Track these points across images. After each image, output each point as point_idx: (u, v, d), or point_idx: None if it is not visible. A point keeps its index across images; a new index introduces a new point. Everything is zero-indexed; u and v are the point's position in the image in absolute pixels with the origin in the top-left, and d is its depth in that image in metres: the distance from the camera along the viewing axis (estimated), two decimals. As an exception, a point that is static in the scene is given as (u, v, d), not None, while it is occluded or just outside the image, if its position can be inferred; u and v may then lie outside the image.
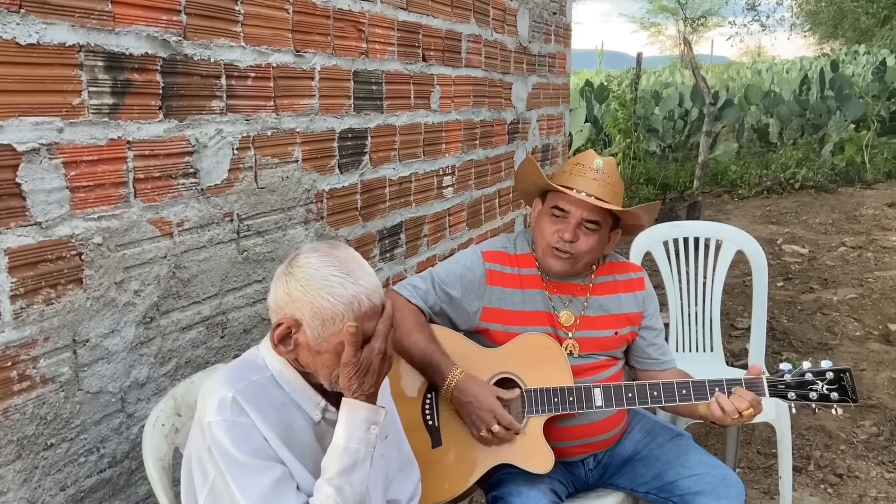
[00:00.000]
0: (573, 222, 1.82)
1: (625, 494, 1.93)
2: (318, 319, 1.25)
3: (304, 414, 1.34)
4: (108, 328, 1.47)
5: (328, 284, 1.24)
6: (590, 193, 1.81)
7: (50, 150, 1.32)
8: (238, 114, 1.77)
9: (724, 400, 1.70)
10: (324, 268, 1.26)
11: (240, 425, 1.23)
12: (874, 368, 3.91)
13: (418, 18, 2.60)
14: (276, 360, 1.34)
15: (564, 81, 4.48)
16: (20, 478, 1.32)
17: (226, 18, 1.71)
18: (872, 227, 6.87)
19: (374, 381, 1.29)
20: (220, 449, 1.21)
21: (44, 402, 1.35)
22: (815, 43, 32.05)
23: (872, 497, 2.81)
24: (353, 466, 1.26)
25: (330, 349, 1.27)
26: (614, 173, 1.88)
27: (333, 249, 1.30)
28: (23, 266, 1.29)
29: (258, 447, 1.23)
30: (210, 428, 1.22)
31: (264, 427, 1.25)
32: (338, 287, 1.24)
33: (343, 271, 1.26)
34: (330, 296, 1.24)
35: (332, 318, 1.24)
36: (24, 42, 1.26)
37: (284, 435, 1.28)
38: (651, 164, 9.45)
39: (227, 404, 1.23)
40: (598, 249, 1.88)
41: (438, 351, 1.79)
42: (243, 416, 1.24)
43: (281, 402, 1.32)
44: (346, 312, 1.24)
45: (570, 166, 1.88)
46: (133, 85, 1.48)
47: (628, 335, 1.94)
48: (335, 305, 1.24)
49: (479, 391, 1.74)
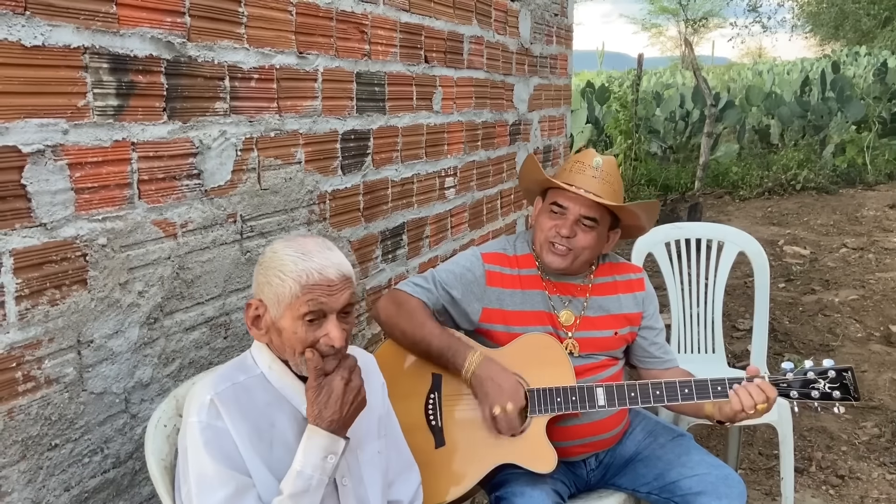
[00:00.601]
0: (571, 218, 1.84)
1: (626, 495, 1.94)
2: (274, 296, 1.33)
3: (292, 408, 1.38)
4: (113, 329, 1.48)
5: (282, 263, 1.33)
6: (588, 190, 1.82)
7: (55, 152, 1.33)
8: (241, 115, 1.78)
9: (744, 392, 1.68)
10: (282, 251, 1.35)
11: (213, 428, 1.28)
12: (876, 370, 3.91)
13: (421, 20, 2.61)
14: (265, 357, 1.39)
15: (566, 82, 4.48)
16: (25, 478, 1.32)
17: (229, 20, 1.72)
18: (874, 228, 6.87)
19: (337, 410, 1.32)
20: (193, 448, 1.27)
21: (48, 403, 1.36)
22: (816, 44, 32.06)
23: (874, 498, 2.81)
24: (305, 492, 1.29)
25: (288, 325, 1.33)
26: (614, 172, 1.88)
27: (302, 238, 1.39)
28: (28, 267, 1.30)
29: (227, 453, 1.28)
30: (188, 427, 1.29)
31: (237, 433, 1.29)
32: (290, 265, 1.32)
33: (298, 251, 1.34)
34: (281, 272, 1.32)
35: (283, 292, 1.31)
36: (29, 44, 1.27)
37: (260, 439, 1.32)
38: (652, 165, 9.45)
39: (205, 407, 1.29)
40: (597, 247, 1.89)
41: (455, 336, 1.82)
42: (219, 419, 1.29)
43: (265, 401, 1.36)
44: (293, 285, 1.31)
45: (571, 164, 1.89)
46: (137, 87, 1.49)
47: (628, 335, 1.95)
48: (285, 281, 1.31)
49: (501, 370, 1.76)
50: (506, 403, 1.71)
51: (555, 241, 1.86)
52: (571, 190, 1.82)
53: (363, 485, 1.44)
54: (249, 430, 1.31)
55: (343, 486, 1.40)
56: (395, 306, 1.85)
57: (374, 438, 1.49)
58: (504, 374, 1.75)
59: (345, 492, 1.40)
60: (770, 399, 1.68)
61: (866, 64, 18.41)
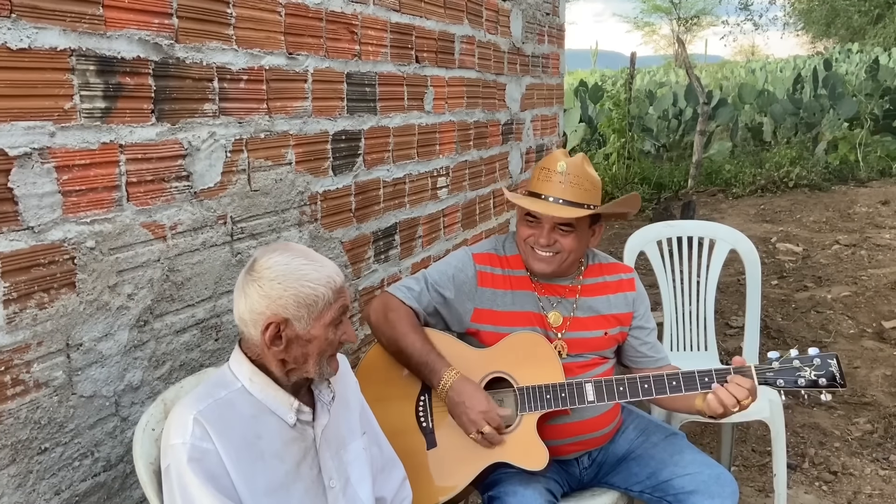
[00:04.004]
0: (546, 227, 1.83)
1: (619, 493, 1.94)
2: (303, 308, 1.32)
3: (277, 419, 1.36)
4: (102, 332, 1.47)
5: (304, 273, 1.32)
6: (557, 198, 1.81)
7: (42, 155, 1.32)
8: (231, 116, 1.77)
9: (722, 391, 1.69)
10: (293, 261, 1.33)
11: (199, 450, 1.25)
12: (868, 366, 3.92)
13: (411, 20, 2.61)
14: (245, 369, 1.37)
15: (558, 82, 4.49)
16: (14, 482, 1.32)
17: (217, 21, 1.72)
18: (866, 224, 6.90)
19: None
20: (178, 471, 1.25)
21: (38, 407, 1.35)
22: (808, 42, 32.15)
23: (867, 494, 2.82)
24: None
25: (320, 333, 1.34)
26: (582, 171, 1.84)
27: (287, 247, 1.39)
28: (16, 271, 1.29)
29: (214, 475, 1.25)
30: (173, 450, 1.26)
31: (225, 451, 1.27)
32: (312, 273, 1.33)
33: (309, 259, 1.35)
34: (309, 282, 1.32)
35: (315, 300, 1.33)
36: (15, 47, 1.26)
37: (248, 452, 1.31)
38: (646, 163, 9.47)
39: (188, 427, 1.26)
40: (581, 246, 1.89)
41: (434, 352, 1.80)
42: (206, 440, 1.26)
43: (250, 413, 1.34)
44: (325, 292, 1.33)
45: (538, 171, 1.88)
46: (125, 88, 1.48)
47: (618, 336, 1.95)
48: (316, 289, 1.32)
49: (472, 393, 1.75)
50: (480, 428, 1.72)
51: (535, 247, 1.86)
52: (535, 210, 1.80)
53: (351, 484, 1.44)
54: (237, 445, 1.29)
55: (331, 489, 1.41)
56: (384, 311, 1.85)
57: (357, 436, 1.50)
58: (476, 397, 1.74)
59: (333, 494, 1.41)
60: (751, 390, 1.69)
61: (858, 61, 18.48)
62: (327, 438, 1.42)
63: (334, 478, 1.41)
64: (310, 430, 1.40)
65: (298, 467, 1.37)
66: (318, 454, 1.40)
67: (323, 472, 1.40)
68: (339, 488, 1.41)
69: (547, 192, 1.83)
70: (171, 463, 1.26)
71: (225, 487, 1.26)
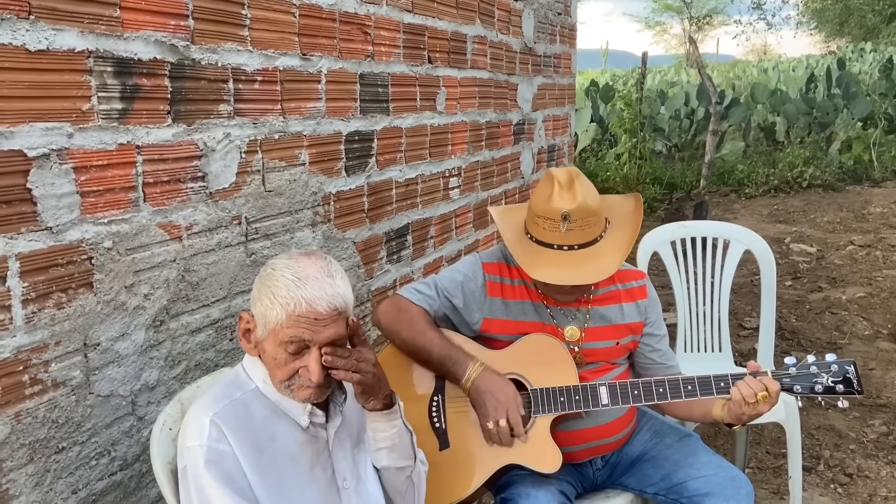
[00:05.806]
0: None
1: (633, 495, 1.93)
2: (261, 317, 1.30)
3: (290, 421, 1.36)
4: (119, 332, 1.48)
5: (276, 285, 1.28)
6: (570, 245, 1.73)
7: (60, 156, 1.33)
8: (245, 117, 1.78)
9: (742, 385, 1.67)
10: (280, 270, 1.30)
11: (216, 452, 1.26)
12: (884, 367, 3.89)
13: (424, 20, 2.61)
14: (258, 370, 1.37)
15: (570, 82, 4.47)
16: (32, 481, 1.33)
17: (233, 23, 1.72)
18: (881, 225, 6.84)
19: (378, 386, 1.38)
20: (195, 473, 1.25)
21: (55, 406, 1.36)
22: (821, 41, 31.92)
23: (882, 496, 2.80)
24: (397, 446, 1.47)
25: (270, 348, 1.31)
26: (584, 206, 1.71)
27: (306, 258, 1.32)
28: (34, 271, 1.30)
29: (231, 477, 1.26)
30: (190, 452, 1.26)
31: (241, 452, 1.28)
32: (282, 289, 1.27)
33: (295, 276, 1.28)
34: (273, 295, 1.28)
35: (270, 316, 1.28)
36: (33, 48, 1.27)
37: (262, 454, 1.31)
38: (657, 163, 9.43)
39: (205, 429, 1.26)
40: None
41: (455, 345, 1.80)
42: (222, 442, 1.26)
43: (264, 415, 1.34)
44: (279, 312, 1.26)
45: (542, 221, 1.74)
46: (142, 90, 1.49)
47: (630, 344, 1.93)
48: (273, 305, 1.27)
49: (500, 383, 1.75)
50: (500, 418, 1.71)
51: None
52: (553, 281, 1.73)
53: (363, 482, 1.44)
54: (253, 447, 1.30)
55: (345, 490, 1.41)
56: (396, 313, 1.85)
57: None
58: (502, 387, 1.74)
59: (346, 494, 1.41)
60: (771, 390, 1.66)
61: (872, 60, 18.33)
62: (340, 439, 1.42)
63: (348, 478, 1.41)
64: (323, 433, 1.40)
65: (312, 469, 1.37)
66: (331, 456, 1.40)
67: (336, 473, 1.40)
68: (352, 488, 1.41)
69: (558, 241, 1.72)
70: (188, 464, 1.26)
71: (241, 489, 1.26)
